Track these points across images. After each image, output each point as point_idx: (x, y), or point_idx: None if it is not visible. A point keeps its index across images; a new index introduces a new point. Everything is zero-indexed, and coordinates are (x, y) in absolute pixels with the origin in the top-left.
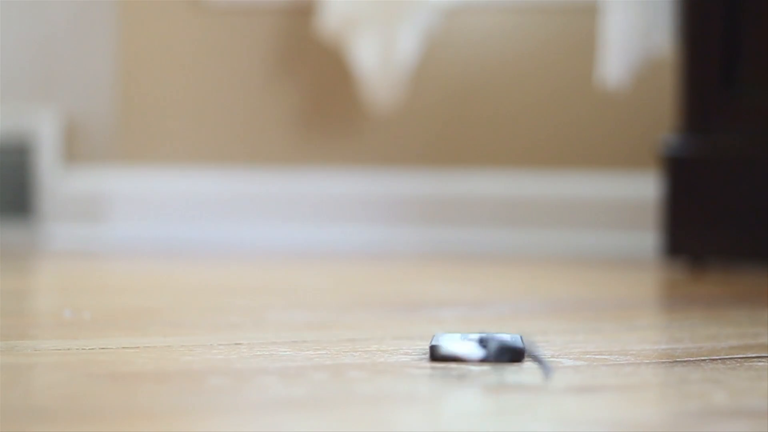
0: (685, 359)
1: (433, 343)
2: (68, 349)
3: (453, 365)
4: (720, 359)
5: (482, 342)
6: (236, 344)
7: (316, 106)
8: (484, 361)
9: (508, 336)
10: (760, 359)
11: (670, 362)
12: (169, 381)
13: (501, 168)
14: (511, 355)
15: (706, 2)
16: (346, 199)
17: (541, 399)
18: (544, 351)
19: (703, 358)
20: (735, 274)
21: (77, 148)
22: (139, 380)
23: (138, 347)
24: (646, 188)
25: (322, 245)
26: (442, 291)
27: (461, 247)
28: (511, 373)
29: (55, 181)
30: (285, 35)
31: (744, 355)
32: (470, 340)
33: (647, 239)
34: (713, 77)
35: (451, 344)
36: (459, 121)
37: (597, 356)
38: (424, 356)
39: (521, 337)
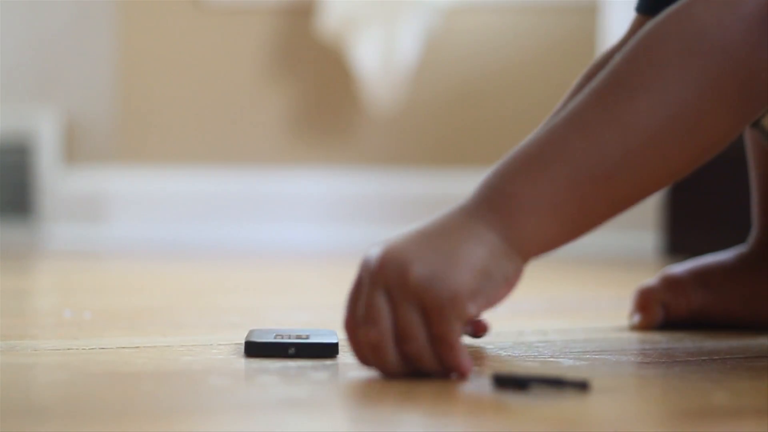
0: (685, 359)
1: (248, 339)
2: (68, 349)
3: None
4: (720, 359)
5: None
6: (236, 344)
7: (316, 106)
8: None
9: (323, 331)
10: (760, 359)
11: (670, 362)
12: (169, 381)
13: None
14: (320, 351)
15: None
16: (346, 199)
17: (541, 399)
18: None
19: (703, 358)
20: None
21: (77, 148)
22: (139, 380)
23: (138, 347)
24: None
25: (322, 245)
26: None
27: None
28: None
29: (55, 181)
30: (285, 35)
31: (744, 355)
32: (284, 337)
33: (647, 239)
34: None
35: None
36: (459, 121)
37: (597, 356)
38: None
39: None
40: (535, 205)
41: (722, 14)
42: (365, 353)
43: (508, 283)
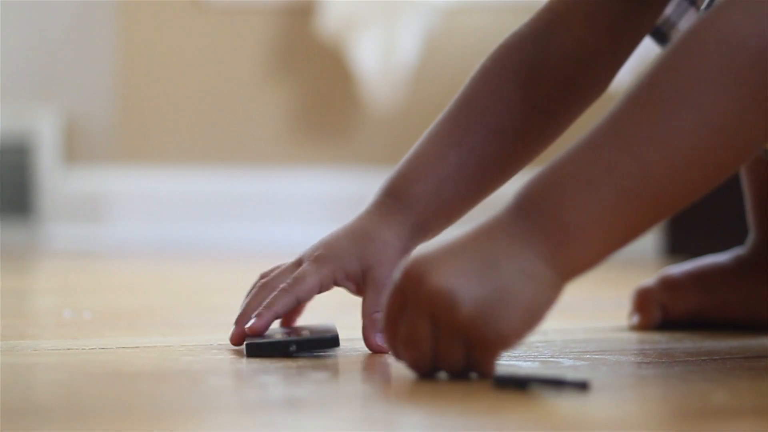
0: (685, 359)
1: (248, 341)
2: (68, 349)
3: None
4: (720, 359)
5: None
6: None
7: (316, 106)
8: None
9: (322, 326)
10: (759, 359)
11: (669, 362)
12: (169, 381)
13: None
14: (321, 344)
15: None
16: (347, 199)
17: (541, 399)
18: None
19: (702, 358)
20: None
21: (77, 148)
22: (139, 380)
23: (138, 347)
24: None
25: None
26: None
27: None
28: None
29: (55, 181)
30: (285, 35)
31: (744, 355)
32: (283, 335)
33: (647, 239)
34: None
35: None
36: None
37: (597, 356)
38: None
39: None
40: (585, 232)
41: (761, 25)
42: (402, 358)
43: (550, 307)
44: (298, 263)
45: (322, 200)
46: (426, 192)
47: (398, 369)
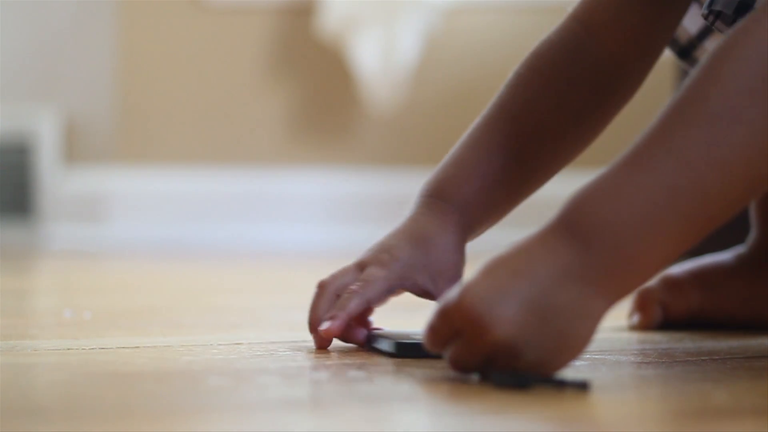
0: (685, 359)
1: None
2: (68, 349)
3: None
4: (720, 359)
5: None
6: (236, 344)
7: (316, 106)
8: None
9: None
10: (760, 359)
11: (670, 362)
12: (169, 381)
13: None
14: (410, 351)
15: None
16: (347, 199)
17: (541, 399)
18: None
19: (703, 358)
20: None
21: (77, 148)
22: (139, 380)
23: (138, 347)
24: None
25: (322, 245)
26: None
27: None
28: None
29: (55, 181)
30: (285, 35)
31: (744, 355)
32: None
33: None
34: None
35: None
36: (459, 121)
37: (597, 356)
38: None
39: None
40: (645, 262)
41: None
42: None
43: (593, 338)
44: (360, 266)
45: (322, 200)
46: (475, 194)
47: (398, 369)
